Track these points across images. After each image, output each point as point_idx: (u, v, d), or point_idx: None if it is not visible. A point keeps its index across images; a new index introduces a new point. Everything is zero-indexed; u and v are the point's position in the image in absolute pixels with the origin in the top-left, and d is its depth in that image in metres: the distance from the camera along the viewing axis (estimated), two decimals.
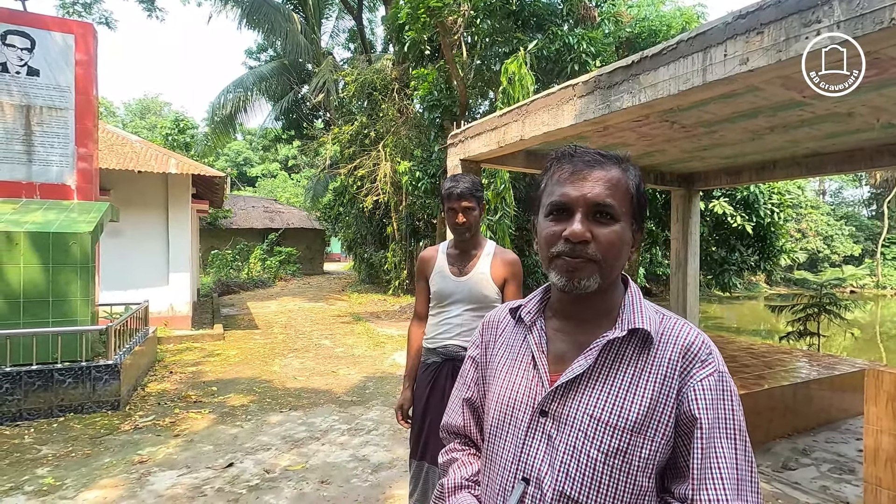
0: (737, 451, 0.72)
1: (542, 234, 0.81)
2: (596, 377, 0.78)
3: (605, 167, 0.79)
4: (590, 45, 8.50)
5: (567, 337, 0.83)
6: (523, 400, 0.82)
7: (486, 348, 0.95)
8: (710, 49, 3.08)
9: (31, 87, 5.05)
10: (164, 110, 37.73)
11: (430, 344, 2.03)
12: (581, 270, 0.76)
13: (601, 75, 3.96)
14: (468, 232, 1.96)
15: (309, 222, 22.71)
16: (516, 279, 2.02)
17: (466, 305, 1.97)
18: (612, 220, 0.77)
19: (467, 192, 1.93)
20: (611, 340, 0.78)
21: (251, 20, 15.07)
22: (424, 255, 2.11)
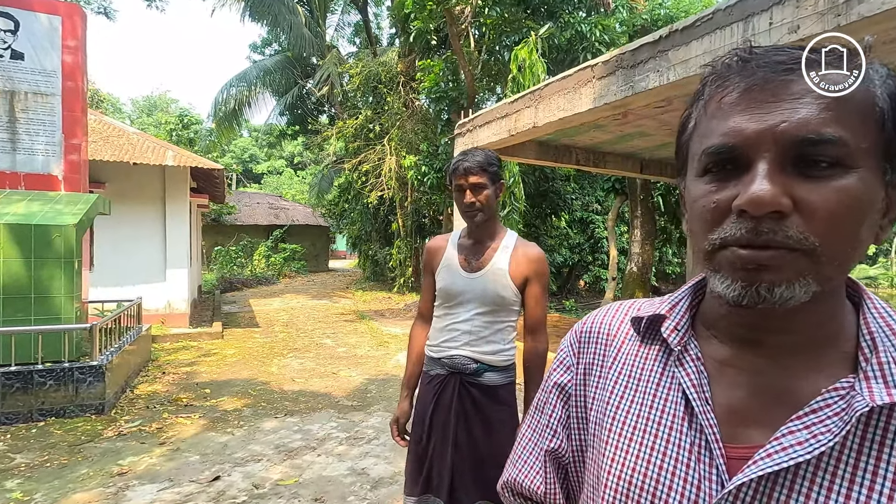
0: None
1: (696, 208, 0.45)
2: (835, 465, 0.41)
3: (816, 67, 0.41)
4: (603, 34, 8.14)
5: (750, 378, 0.46)
6: (673, 488, 0.46)
7: (588, 374, 0.58)
8: (753, 17, 2.73)
9: (14, 72, 4.78)
10: (171, 107, 37.65)
11: (433, 352, 1.71)
12: (773, 270, 0.40)
13: (624, 53, 3.62)
14: (480, 215, 1.61)
15: (314, 219, 22.49)
16: (541, 279, 1.66)
17: (478, 308, 1.63)
18: (838, 168, 0.40)
19: (477, 166, 1.59)
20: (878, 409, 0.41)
21: (255, 13, 14.79)
22: (432, 244, 1.78)
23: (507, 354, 1.67)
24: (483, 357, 1.62)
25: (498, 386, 1.64)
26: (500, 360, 1.64)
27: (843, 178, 0.39)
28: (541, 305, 1.67)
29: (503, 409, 1.64)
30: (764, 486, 0.42)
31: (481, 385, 1.62)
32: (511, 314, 1.66)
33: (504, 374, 1.66)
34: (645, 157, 6.81)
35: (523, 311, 1.68)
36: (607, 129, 5.41)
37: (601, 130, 5.44)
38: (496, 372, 1.64)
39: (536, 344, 1.69)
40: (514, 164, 8.07)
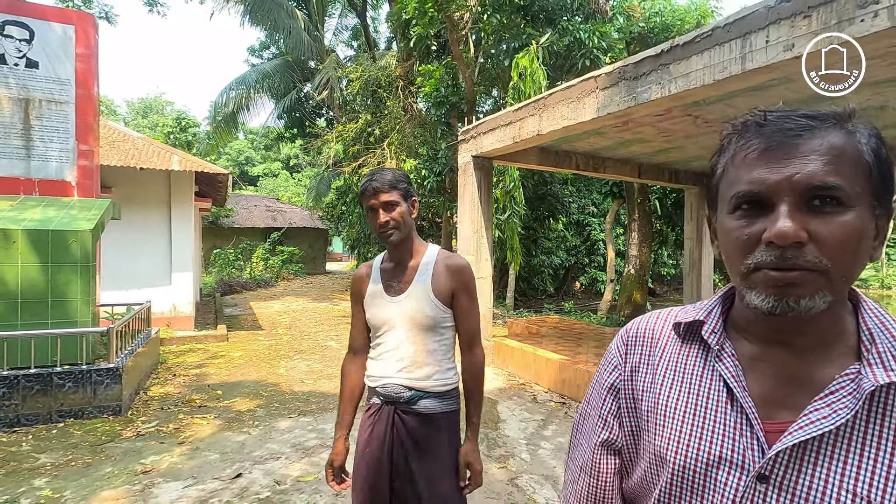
0: None
1: (730, 238, 0.58)
2: (849, 436, 0.54)
3: (818, 132, 0.54)
4: (601, 40, 8.31)
5: (776, 370, 0.60)
6: (722, 454, 0.59)
7: (635, 372, 0.71)
8: (751, 35, 2.90)
9: (29, 80, 4.87)
10: (167, 109, 37.57)
11: (370, 382, 1.64)
12: (799, 286, 0.53)
13: (626, 66, 3.78)
14: (396, 233, 1.56)
15: (311, 221, 22.55)
16: (467, 290, 1.61)
17: (407, 332, 1.57)
18: (840, 207, 0.53)
19: (386, 185, 1.55)
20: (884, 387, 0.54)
21: (254, 17, 14.89)
22: (357, 273, 1.71)
23: (444, 378, 1.59)
24: (417, 383, 1.55)
25: (435, 414, 1.56)
26: (436, 385, 1.57)
27: (844, 214, 0.53)
28: (471, 317, 1.62)
29: (441, 438, 1.57)
30: (796, 453, 0.55)
31: (417, 413, 1.55)
32: (445, 332, 1.60)
33: (443, 400, 1.59)
34: (643, 162, 6.98)
35: (456, 326, 1.63)
36: (607, 136, 5.57)
37: (601, 136, 5.60)
38: (433, 398, 1.57)
39: (472, 358, 1.64)
40: (514, 169, 8.23)
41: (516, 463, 3.44)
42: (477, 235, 5.91)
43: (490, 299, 6.09)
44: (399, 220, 1.56)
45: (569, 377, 4.95)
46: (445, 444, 1.57)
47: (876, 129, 0.59)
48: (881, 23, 2.35)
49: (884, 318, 0.59)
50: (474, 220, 5.92)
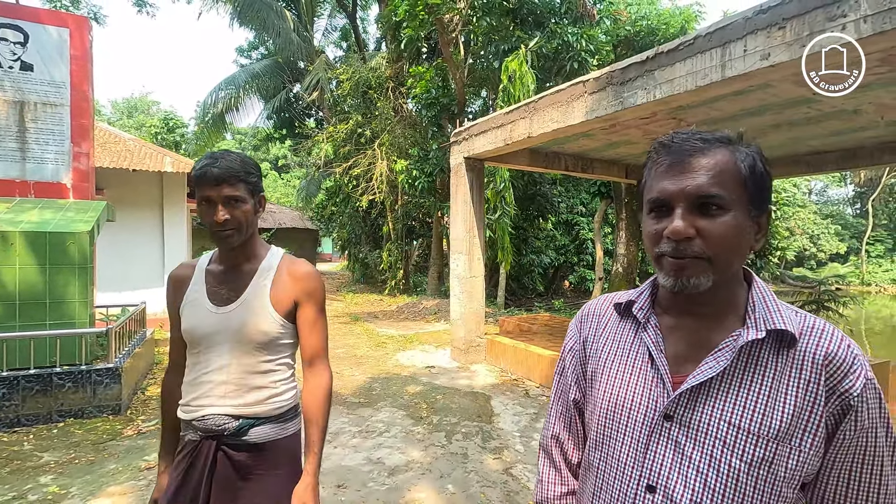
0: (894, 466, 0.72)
1: (645, 232, 0.78)
2: (730, 381, 0.72)
3: (707, 152, 0.73)
4: (589, 44, 8.50)
5: (685, 335, 0.78)
6: (642, 401, 0.77)
7: (587, 342, 0.90)
8: (730, 44, 3.06)
9: (24, 83, 4.89)
10: (153, 109, 37.16)
11: (183, 413, 1.32)
12: (688, 269, 0.71)
13: (614, 71, 3.93)
14: (236, 235, 1.29)
15: (301, 222, 22.52)
16: (314, 299, 1.38)
17: (235, 350, 1.29)
18: (720, 210, 0.71)
19: (232, 175, 1.26)
20: (749, 343, 0.73)
21: (243, 17, 14.87)
22: (173, 274, 1.42)
23: (282, 399, 1.35)
24: (247, 410, 1.29)
25: (272, 441, 1.32)
26: (272, 408, 1.32)
27: (723, 216, 0.71)
28: (318, 332, 1.39)
29: (279, 472, 1.32)
30: (692, 396, 0.74)
31: (248, 445, 1.29)
32: (283, 350, 1.36)
33: (279, 424, 1.34)
34: (630, 162, 7.17)
35: (298, 341, 1.39)
36: (595, 138, 5.73)
37: (589, 138, 5.76)
38: (269, 424, 1.32)
39: (318, 379, 1.38)
40: (505, 170, 8.38)
41: (511, 454, 3.58)
42: (469, 235, 6.03)
43: (482, 298, 6.22)
44: (242, 221, 1.29)
45: None
46: (285, 478, 1.31)
47: (756, 147, 0.77)
48: (848, 34, 2.51)
49: (765, 293, 0.77)
50: (467, 220, 6.04)
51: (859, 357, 0.72)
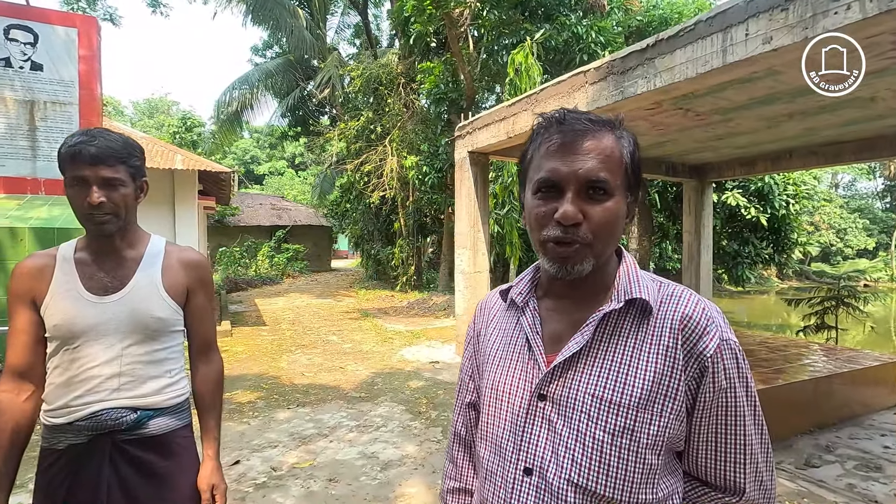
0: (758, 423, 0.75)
1: (531, 213, 0.74)
2: (594, 354, 0.73)
3: (597, 135, 0.72)
4: (599, 35, 8.34)
5: (562, 316, 0.79)
6: (520, 385, 0.78)
7: (479, 336, 0.92)
8: (731, 28, 2.95)
9: (34, 82, 5.00)
10: (173, 109, 37.89)
11: (57, 417, 1.19)
12: (574, 257, 0.71)
13: (615, 60, 3.84)
14: (113, 221, 1.20)
15: (316, 219, 22.72)
16: (205, 289, 1.36)
17: (127, 340, 1.22)
18: (605, 195, 0.71)
19: (110, 154, 1.16)
20: (607, 314, 0.74)
21: (256, 16, 15.02)
22: (26, 265, 1.24)
23: (176, 389, 1.31)
24: (145, 401, 1.23)
25: (171, 432, 1.27)
26: (168, 398, 1.28)
27: (608, 201, 0.71)
28: (208, 319, 1.39)
29: (181, 462, 1.28)
30: (562, 368, 0.74)
31: (146, 438, 1.23)
32: (175, 337, 1.33)
33: (177, 415, 1.30)
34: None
35: (187, 330, 1.37)
36: None
37: None
38: (167, 415, 1.27)
39: (211, 366, 1.40)
40: (513, 165, 8.28)
41: None
42: (473, 230, 5.98)
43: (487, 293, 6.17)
44: (120, 205, 1.20)
45: None
46: (186, 468, 1.29)
47: (633, 135, 0.78)
48: (853, 15, 2.39)
49: (630, 268, 0.78)
50: (471, 214, 5.99)
51: (715, 319, 0.72)
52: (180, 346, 1.36)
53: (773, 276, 24.76)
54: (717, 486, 0.76)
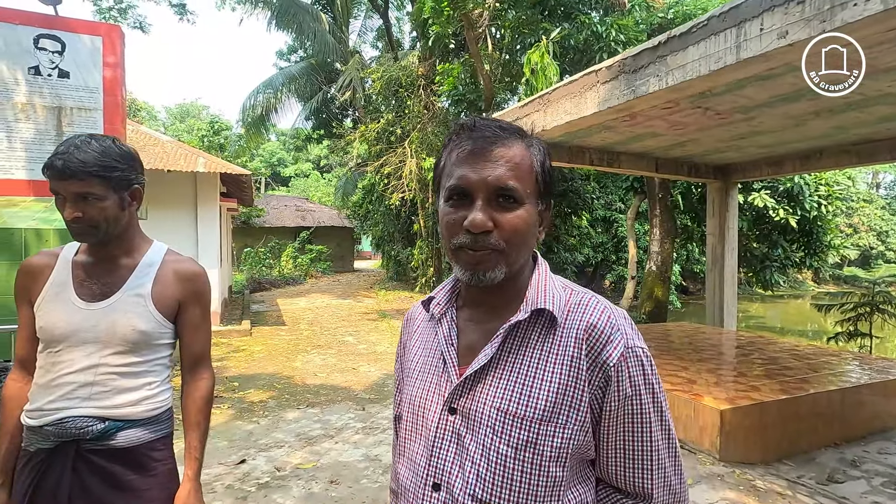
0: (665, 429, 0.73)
1: (442, 221, 0.74)
2: (502, 366, 0.72)
3: (507, 143, 0.72)
4: (619, 33, 8.16)
5: (477, 326, 0.78)
6: (433, 398, 0.76)
7: (405, 344, 0.91)
8: (745, 23, 2.83)
9: (61, 89, 5.18)
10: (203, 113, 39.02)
11: (31, 418, 1.20)
12: (485, 262, 0.70)
13: (626, 59, 3.74)
14: (93, 233, 1.19)
15: (339, 220, 22.99)
16: (200, 301, 1.32)
17: (105, 350, 1.20)
18: (515, 203, 0.70)
19: (79, 169, 1.12)
20: (515, 325, 0.73)
21: (280, 21, 15.31)
22: (31, 263, 1.27)
23: (156, 401, 1.27)
24: (116, 412, 1.20)
25: (143, 444, 1.22)
26: (144, 409, 1.24)
27: (518, 209, 0.70)
28: (202, 334, 1.33)
29: (153, 475, 1.23)
30: (472, 381, 0.73)
31: (113, 450, 1.19)
32: (160, 350, 1.28)
33: (153, 426, 1.26)
34: (659, 156, 6.83)
35: (180, 344, 1.34)
36: (618, 131, 5.49)
37: (612, 132, 5.52)
38: (140, 427, 1.23)
39: (200, 383, 1.34)
40: None
41: None
42: None
43: None
44: (98, 219, 1.17)
45: None
46: (160, 482, 1.24)
47: (545, 144, 0.78)
48: (874, 7, 2.25)
49: (542, 276, 0.77)
50: None
51: (621, 327, 0.71)
52: (166, 360, 1.33)
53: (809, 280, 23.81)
54: (627, 492, 0.75)
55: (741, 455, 3.41)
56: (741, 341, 6.10)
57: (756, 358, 5.03)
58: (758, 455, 3.45)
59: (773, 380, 4.12)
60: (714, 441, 3.40)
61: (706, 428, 3.46)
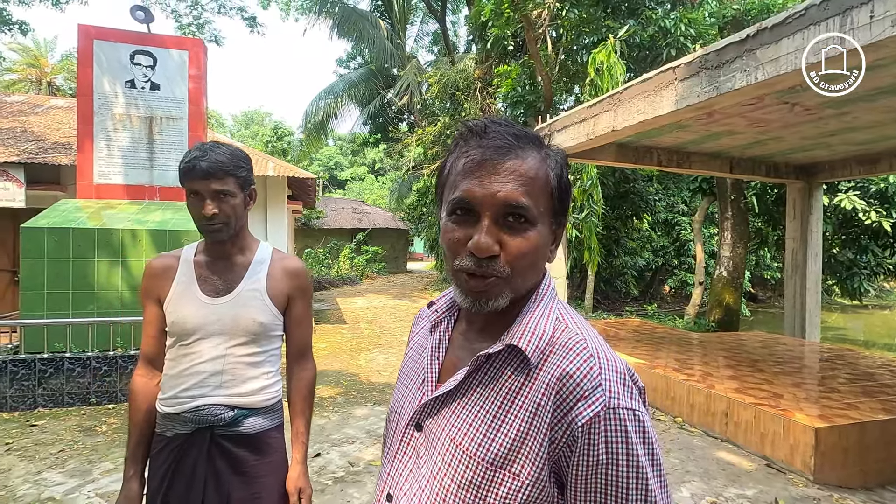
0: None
1: (444, 236, 0.66)
2: (469, 397, 0.67)
3: (521, 154, 0.63)
4: (689, 28, 7.81)
5: (466, 343, 0.73)
6: (406, 408, 0.74)
7: (408, 348, 0.88)
8: (852, 11, 2.63)
9: (153, 100, 5.62)
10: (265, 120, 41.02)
11: (168, 406, 1.30)
12: (487, 292, 0.63)
13: (708, 54, 3.57)
14: (224, 230, 1.30)
15: (393, 222, 23.42)
16: (305, 296, 1.42)
17: (230, 341, 1.31)
18: (526, 223, 0.63)
19: (219, 168, 1.26)
20: (490, 355, 0.66)
21: (342, 30, 15.83)
22: (156, 263, 1.39)
23: (272, 391, 1.38)
24: (241, 400, 1.32)
25: (264, 432, 1.34)
26: (264, 399, 1.35)
27: (529, 231, 0.63)
28: (306, 326, 1.45)
29: (270, 461, 1.34)
30: (440, 402, 0.69)
31: (240, 436, 1.31)
32: (274, 342, 1.40)
33: (270, 415, 1.37)
34: (735, 155, 6.46)
35: (285, 335, 1.44)
36: (691, 129, 5.25)
37: (684, 130, 5.28)
38: (261, 415, 1.34)
39: (305, 372, 1.45)
40: (592, 167, 7.99)
41: None
42: None
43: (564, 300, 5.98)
44: (230, 215, 1.29)
45: (644, 382, 4.74)
46: (275, 468, 1.34)
47: (563, 153, 0.69)
48: None
49: (537, 302, 0.68)
50: None
51: (606, 381, 0.59)
52: (278, 350, 1.43)
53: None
54: None
55: (838, 478, 3.15)
56: (828, 354, 5.65)
57: (847, 373, 4.64)
58: (857, 479, 3.18)
59: (871, 398, 3.78)
60: (807, 461, 3.16)
61: (798, 447, 3.23)
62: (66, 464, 3.27)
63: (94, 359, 4.45)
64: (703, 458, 3.51)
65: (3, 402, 4.24)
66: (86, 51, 5.40)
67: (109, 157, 5.49)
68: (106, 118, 5.49)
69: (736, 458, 3.50)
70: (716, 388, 4.02)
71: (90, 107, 5.41)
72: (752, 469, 3.33)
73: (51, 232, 4.63)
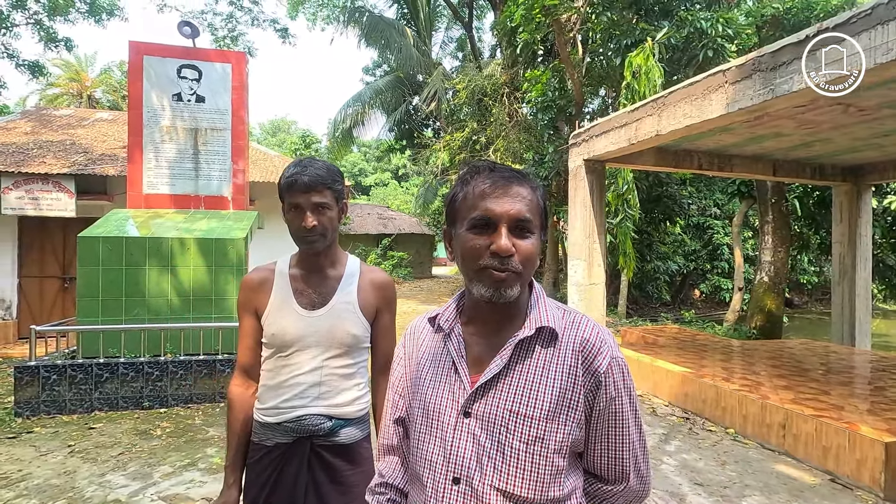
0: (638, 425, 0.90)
1: (465, 246, 0.85)
2: (511, 374, 0.85)
3: (521, 183, 0.86)
4: (726, 28, 7.64)
5: (483, 340, 0.90)
6: (447, 404, 0.88)
7: (409, 358, 1.00)
8: None
9: (198, 112, 5.79)
10: (292, 128, 41.79)
11: (268, 416, 1.35)
12: (507, 282, 0.82)
13: (762, 56, 3.49)
14: (322, 241, 1.34)
15: (419, 228, 23.54)
16: (391, 308, 1.46)
17: (326, 353, 1.35)
18: (529, 233, 0.84)
19: (320, 182, 1.30)
20: (522, 340, 0.86)
21: (369, 38, 16.04)
22: (253, 277, 1.42)
23: (363, 402, 1.42)
24: (338, 411, 1.36)
25: (356, 442, 1.38)
26: (357, 409, 1.39)
27: (531, 238, 0.85)
28: (391, 338, 1.47)
29: (363, 471, 1.36)
30: (485, 388, 0.85)
31: (337, 446, 1.35)
32: (364, 353, 1.44)
33: (361, 426, 1.41)
34: (778, 158, 6.29)
35: (371, 346, 1.46)
36: (736, 132, 5.13)
37: (729, 133, 5.17)
38: (354, 425, 1.38)
39: None
40: (628, 171, 7.88)
41: None
42: (589, 241, 5.77)
43: (603, 307, 5.90)
44: (328, 227, 1.34)
45: (692, 391, 4.63)
46: (366, 478, 1.33)
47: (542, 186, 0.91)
48: None
49: (539, 297, 0.92)
50: (586, 225, 5.79)
51: (607, 341, 0.87)
52: (366, 362, 1.47)
53: None
54: (607, 479, 0.90)
55: None
56: (884, 363, 5.43)
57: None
58: None
59: None
60: (876, 477, 3.03)
61: (866, 462, 3.10)
62: (127, 466, 3.37)
63: (147, 364, 4.58)
64: (761, 472, 3.40)
65: (63, 405, 4.41)
66: (136, 65, 5.59)
67: (157, 167, 5.67)
68: (154, 130, 5.67)
69: (797, 472, 3.38)
70: (770, 399, 3.90)
71: (140, 120, 5.60)
72: (815, 484, 3.21)
73: (105, 241, 4.80)
